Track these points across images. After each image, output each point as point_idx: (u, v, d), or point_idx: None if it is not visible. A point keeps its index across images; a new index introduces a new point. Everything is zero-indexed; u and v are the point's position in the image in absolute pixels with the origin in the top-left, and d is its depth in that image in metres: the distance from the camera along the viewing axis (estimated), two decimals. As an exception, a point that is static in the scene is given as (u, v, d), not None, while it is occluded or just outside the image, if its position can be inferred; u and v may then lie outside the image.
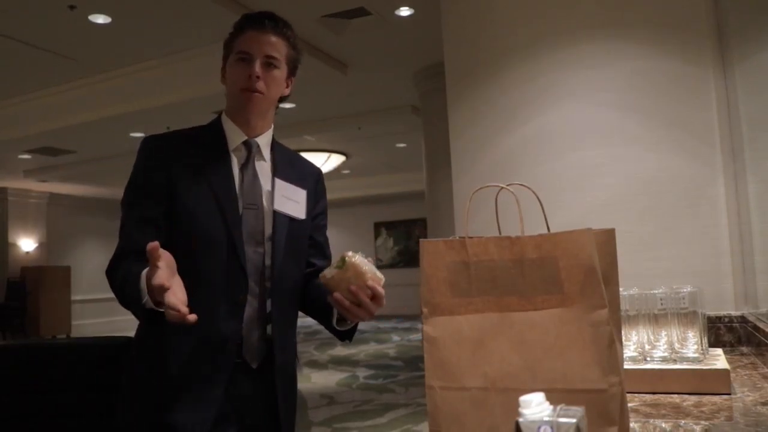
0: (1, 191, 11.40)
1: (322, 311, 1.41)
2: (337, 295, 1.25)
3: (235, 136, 1.41)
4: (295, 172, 1.50)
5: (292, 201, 1.45)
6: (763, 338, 1.58)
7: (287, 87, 1.46)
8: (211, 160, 1.38)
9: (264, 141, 1.45)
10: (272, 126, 1.48)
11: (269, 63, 1.39)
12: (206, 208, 1.33)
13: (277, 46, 1.39)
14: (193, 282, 1.17)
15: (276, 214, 1.41)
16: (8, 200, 11.47)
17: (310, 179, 1.55)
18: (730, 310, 1.88)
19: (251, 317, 1.35)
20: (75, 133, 7.08)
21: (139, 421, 1.31)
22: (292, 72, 1.46)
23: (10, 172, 9.94)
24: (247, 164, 1.41)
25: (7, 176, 10.33)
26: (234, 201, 1.36)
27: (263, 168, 1.44)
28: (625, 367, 1.02)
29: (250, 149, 1.43)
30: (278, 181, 1.44)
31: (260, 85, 1.36)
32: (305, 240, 1.49)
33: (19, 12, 4.46)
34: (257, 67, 1.36)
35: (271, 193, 1.42)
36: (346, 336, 1.44)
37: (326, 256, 1.57)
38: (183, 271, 1.16)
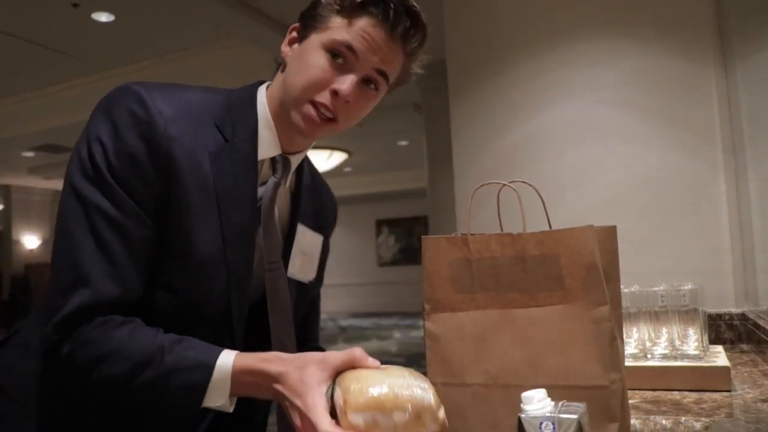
0: (5, 189, 11.42)
1: None
2: None
3: (268, 142, 0.94)
4: (315, 206, 1.07)
5: (307, 256, 1.04)
6: (763, 336, 1.58)
7: None
8: (230, 170, 0.89)
9: (297, 160, 1.00)
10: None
11: (372, 80, 0.91)
12: (209, 257, 0.86)
13: (395, 60, 0.92)
14: None
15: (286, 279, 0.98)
16: (12, 197, 11.50)
17: (329, 216, 1.13)
18: (730, 307, 1.89)
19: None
20: (78, 130, 6.93)
21: None
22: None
23: (14, 169, 9.97)
24: (267, 193, 0.94)
25: (11, 173, 10.36)
26: (249, 253, 0.91)
27: (280, 200, 0.99)
28: (626, 364, 1.03)
29: (277, 170, 0.96)
30: (301, 229, 1.01)
31: (342, 109, 0.90)
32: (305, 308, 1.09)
33: (22, 10, 4.47)
34: (351, 84, 0.88)
35: (286, 245, 1.00)
36: None
37: (314, 329, 1.16)
38: None
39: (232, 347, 0.82)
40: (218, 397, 0.77)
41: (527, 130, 2.29)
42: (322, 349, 1.08)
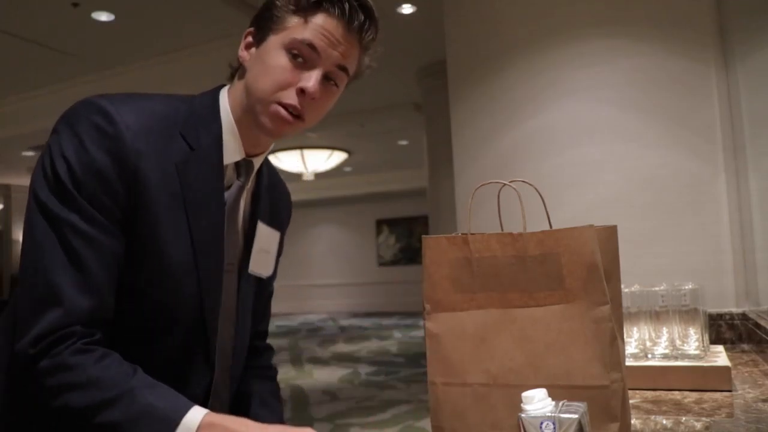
0: (5, 188, 11.42)
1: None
2: None
3: (233, 147, 0.95)
4: (272, 204, 1.09)
5: (266, 253, 1.06)
6: (764, 335, 1.58)
7: None
8: (198, 179, 0.89)
9: (259, 162, 1.02)
10: None
11: (333, 76, 0.93)
12: (180, 266, 0.87)
13: (354, 54, 0.94)
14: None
15: (247, 276, 1.01)
16: (12, 197, 11.50)
17: (284, 214, 1.15)
18: (731, 307, 1.88)
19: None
20: (78, 130, 7.08)
21: None
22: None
23: (14, 169, 9.96)
24: (231, 196, 0.96)
25: (11, 173, 10.35)
26: (218, 259, 0.92)
27: (243, 201, 1.01)
28: (627, 363, 1.03)
29: (241, 173, 0.97)
30: (261, 227, 1.03)
31: (308, 107, 0.91)
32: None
33: (22, 9, 4.47)
34: (317, 81, 0.90)
35: (246, 243, 1.01)
36: None
37: (265, 320, 1.20)
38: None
39: (207, 351, 0.89)
40: None
41: (528, 130, 2.29)
42: (269, 347, 1.20)
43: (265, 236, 1.05)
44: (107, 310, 0.83)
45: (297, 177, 9.30)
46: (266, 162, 1.08)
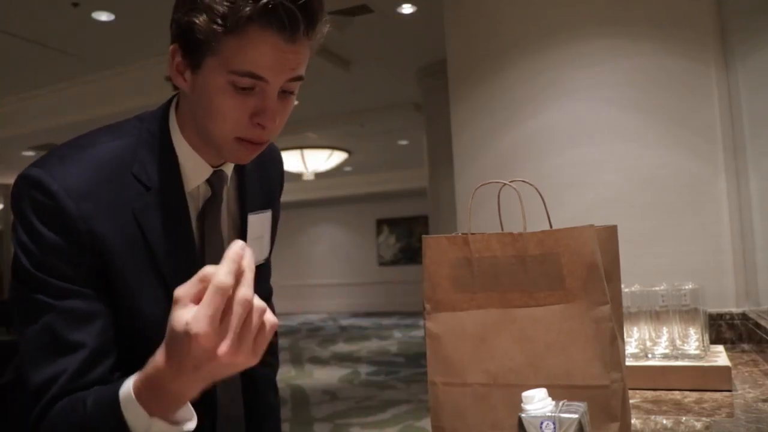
0: (5, 188, 11.42)
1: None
2: None
3: (195, 170, 0.90)
4: (262, 182, 1.04)
5: (260, 239, 1.03)
6: (764, 335, 1.58)
7: None
8: (159, 220, 0.85)
9: (230, 167, 0.96)
10: None
11: (287, 89, 0.84)
12: (155, 318, 0.80)
13: (303, 59, 0.83)
14: None
15: None
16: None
17: (276, 183, 1.11)
18: (731, 307, 1.88)
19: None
20: (78, 130, 6.91)
21: None
22: None
23: (13, 169, 9.96)
24: (207, 211, 0.92)
25: (11, 173, 10.35)
26: None
27: (228, 197, 0.97)
28: (627, 363, 1.03)
29: (214, 184, 0.93)
30: (251, 218, 1.00)
31: (272, 128, 0.84)
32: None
33: (22, 9, 4.47)
34: (273, 111, 0.82)
35: (239, 235, 0.98)
36: None
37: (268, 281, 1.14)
38: None
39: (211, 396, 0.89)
40: (142, 425, 0.71)
41: (528, 130, 2.29)
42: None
43: (257, 224, 1.01)
44: (110, 364, 0.81)
45: (297, 177, 9.30)
46: None
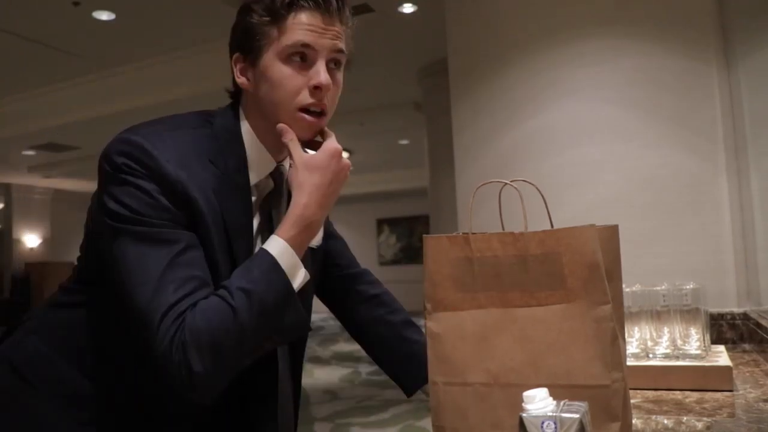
0: (6, 187, 11.43)
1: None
2: None
3: (261, 164, 0.98)
4: None
5: None
6: (765, 335, 1.58)
7: None
8: (231, 202, 0.94)
9: (288, 162, 1.02)
10: None
11: (337, 62, 0.96)
12: (220, 280, 0.90)
13: (342, 35, 0.96)
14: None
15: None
16: (12, 196, 11.50)
17: None
18: (732, 307, 1.88)
19: None
20: (79, 129, 7.10)
21: None
22: None
23: (15, 168, 9.97)
24: (271, 204, 1.01)
25: (12, 172, 10.36)
26: None
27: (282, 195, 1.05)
28: (628, 363, 1.03)
29: (277, 179, 1.01)
30: None
31: (326, 98, 0.94)
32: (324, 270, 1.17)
33: (22, 8, 4.47)
34: (325, 72, 0.93)
35: None
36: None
37: (347, 247, 1.26)
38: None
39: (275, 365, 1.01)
40: (294, 268, 0.88)
41: (528, 129, 2.29)
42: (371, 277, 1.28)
43: None
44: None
45: (297, 176, 9.28)
46: None
